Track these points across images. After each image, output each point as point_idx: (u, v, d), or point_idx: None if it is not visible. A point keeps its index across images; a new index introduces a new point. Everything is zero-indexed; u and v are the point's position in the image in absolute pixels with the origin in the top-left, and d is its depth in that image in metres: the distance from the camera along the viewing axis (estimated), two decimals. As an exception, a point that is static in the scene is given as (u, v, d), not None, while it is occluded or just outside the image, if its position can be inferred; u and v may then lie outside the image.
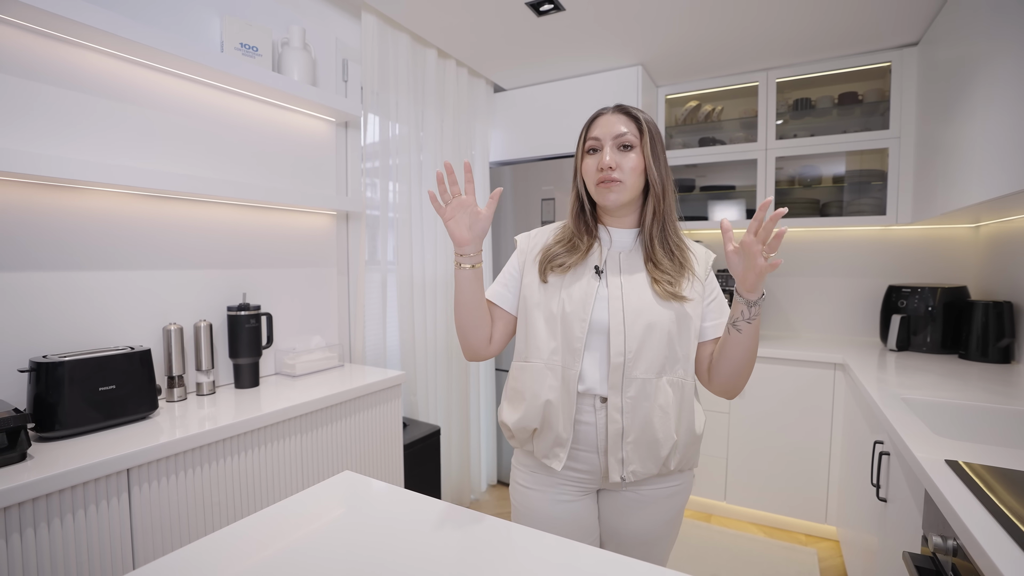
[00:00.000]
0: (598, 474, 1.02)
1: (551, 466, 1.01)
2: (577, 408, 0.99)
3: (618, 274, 1.01)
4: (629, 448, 0.97)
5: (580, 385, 0.98)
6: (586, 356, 0.98)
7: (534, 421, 1.00)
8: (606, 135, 0.99)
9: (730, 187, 2.79)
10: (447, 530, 0.78)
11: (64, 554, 0.96)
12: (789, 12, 1.98)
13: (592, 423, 0.99)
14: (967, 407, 1.39)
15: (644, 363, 0.96)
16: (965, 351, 2.04)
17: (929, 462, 0.97)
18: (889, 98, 2.29)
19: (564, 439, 0.99)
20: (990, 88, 1.46)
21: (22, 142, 1.17)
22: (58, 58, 1.23)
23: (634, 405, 0.96)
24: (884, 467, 1.35)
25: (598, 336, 0.98)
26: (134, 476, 1.06)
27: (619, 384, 0.96)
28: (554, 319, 1.00)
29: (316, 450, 1.47)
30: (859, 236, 2.62)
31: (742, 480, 2.39)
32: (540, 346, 1.00)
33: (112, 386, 1.18)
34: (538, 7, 1.92)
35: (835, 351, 2.24)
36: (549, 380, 0.99)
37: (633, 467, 0.97)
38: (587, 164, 1.02)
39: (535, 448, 1.03)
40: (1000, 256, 2.09)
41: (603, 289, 1.00)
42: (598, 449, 1.00)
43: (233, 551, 0.73)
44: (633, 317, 0.96)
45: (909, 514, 1.10)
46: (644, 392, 0.96)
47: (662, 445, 0.97)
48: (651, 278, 0.99)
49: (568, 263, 1.02)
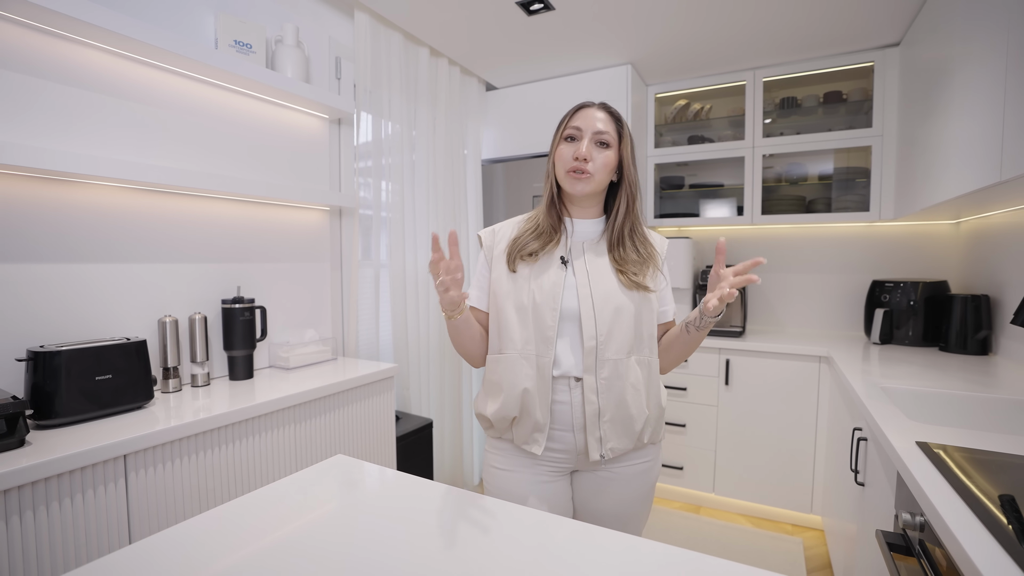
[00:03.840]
0: (574, 453, 1.05)
1: (531, 451, 1.04)
2: (553, 390, 1.03)
3: (583, 263, 1.05)
4: (607, 426, 1.01)
5: (555, 370, 1.02)
6: (559, 342, 1.02)
7: (513, 410, 1.04)
8: (587, 127, 1.03)
9: (719, 185, 2.84)
10: (446, 509, 0.81)
11: (63, 537, 0.98)
12: (775, 13, 2.02)
13: (567, 402, 1.03)
14: (942, 395, 1.43)
15: (615, 345, 1.01)
16: (945, 343, 2.10)
17: (901, 444, 1.02)
18: (872, 97, 2.34)
19: (542, 424, 1.02)
20: (965, 88, 1.51)
21: (23, 136, 1.19)
22: (58, 55, 1.25)
23: (608, 385, 1.01)
24: (862, 453, 1.40)
25: (569, 323, 1.02)
26: (131, 462, 1.08)
27: (593, 366, 1.01)
28: (525, 310, 1.03)
29: (310, 440, 1.50)
30: (844, 232, 2.67)
31: (730, 472, 2.44)
32: (513, 337, 1.04)
33: (108, 376, 1.20)
34: (528, 6, 1.96)
35: (820, 345, 2.29)
36: (525, 369, 1.02)
37: (611, 444, 1.02)
38: (563, 150, 1.05)
39: (515, 436, 1.07)
40: (979, 251, 2.15)
41: (570, 277, 1.04)
42: (574, 427, 1.03)
43: (240, 522, 0.75)
44: (602, 302, 1.01)
45: (883, 495, 1.15)
46: (617, 372, 1.01)
47: (636, 420, 1.02)
48: (616, 268, 1.04)
49: (537, 251, 1.05)
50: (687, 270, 2.60)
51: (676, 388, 2.53)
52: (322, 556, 0.67)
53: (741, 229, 2.88)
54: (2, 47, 1.16)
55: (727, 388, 2.42)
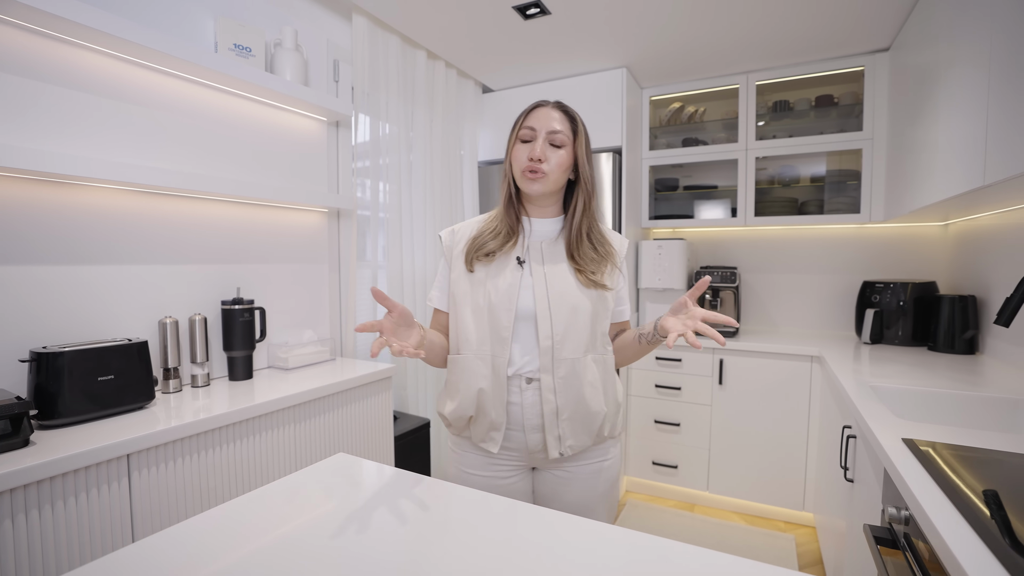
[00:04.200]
0: (530, 452, 1.07)
1: (488, 449, 1.06)
2: (508, 390, 1.05)
3: (541, 262, 1.06)
4: (565, 425, 1.03)
5: (510, 369, 1.04)
6: (514, 343, 1.04)
7: (469, 409, 1.05)
8: (542, 127, 1.04)
9: (713, 186, 2.87)
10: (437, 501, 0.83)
11: (67, 535, 1.00)
12: (767, 18, 2.06)
13: (519, 403, 1.05)
14: (929, 393, 1.47)
15: (571, 344, 1.03)
16: (934, 343, 2.13)
17: (887, 440, 1.05)
18: (862, 101, 2.38)
19: (499, 423, 1.04)
20: (951, 93, 1.55)
21: (24, 139, 1.20)
22: (59, 58, 1.26)
23: (566, 384, 1.03)
24: (851, 450, 1.43)
25: (525, 323, 1.04)
26: (134, 462, 1.10)
27: (550, 366, 1.02)
28: (480, 311, 1.05)
29: (309, 440, 1.51)
30: (835, 234, 2.71)
31: (724, 470, 2.47)
32: (469, 338, 1.05)
33: (111, 376, 1.21)
34: (524, 11, 1.98)
35: (812, 344, 2.33)
36: (480, 369, 1.04)
37: (570, 442, 1.04)
38: (518, 150, 1.06)
39: (472, 434, 1.09)
40: (966, 252, 2.19)
41: (527, 278, 1.05)
42: (525, 428, 1.05)
43: (250, 515, 0.77)
44: (558, 302, 1.03)
45: (871, 491, 1.18)
46: (574, 371, 1.03)
47: (596, 417, 1.04)
48: (574, 267, 1.06)
49: (494, 251, 1.06)
50: (681, 271, 2.63)
51: (670, 388, 2.56)
52: (323, 553, 0.69)
53: (735, 231, 2.92)
54: (7, 52, 1.17)
55: (721, 387, 2.45)
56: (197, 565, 0.66)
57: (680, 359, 2.54)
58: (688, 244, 2.68)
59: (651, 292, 2.75)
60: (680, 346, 2.53)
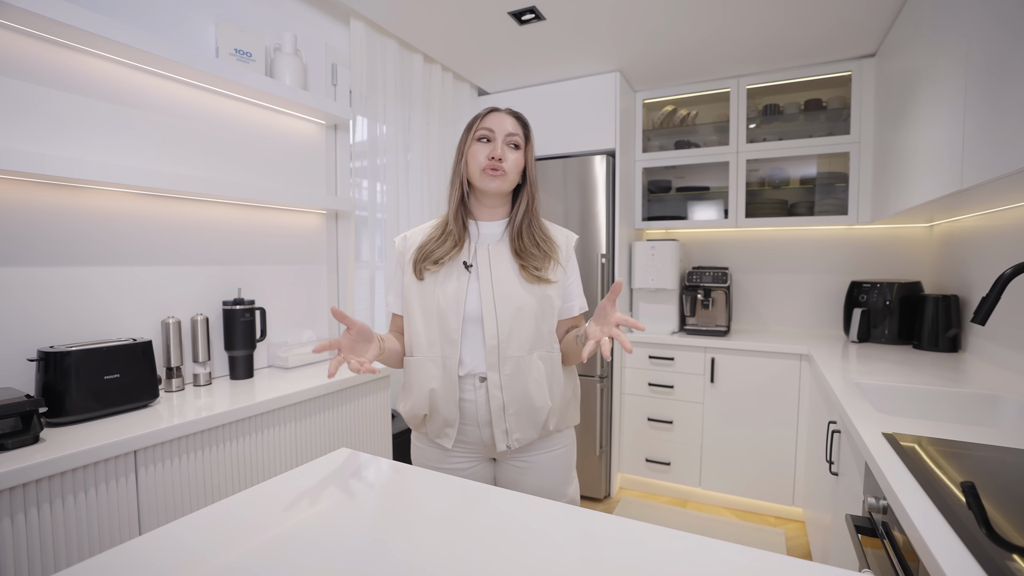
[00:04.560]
0: (482, 445, 1.13)
1: (443, 445, 1.12)
2: (461, 388, 1.10)
3: (488, 265, 1.11)
4: (511, 419, 1.09)
5: (461, 369, 1.09)
6: (464, 343, 1.09)
7: (423, 408, 1.11)
8: (499, 129, 1.10)
9: (704, 188, 2.92)
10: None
11: (77, 529, 1.03)
12: (758, 24, 2.11)
13: (473, 400, 1.10)
14: (912, 390, 1.52)
15: (516, 343, 1.08)
16: (919, 341, 2.19)
17: (868, 434, 1.09)
18: (850, 105, 2.44)
19: (452, 420, 1.10)
20: (931, 99, 1.60)
21: (29, 143, 1.23)
22: (63, 63, 1.29)
23: (511, 381, 1.08)
24: (836, 445, 1.48)
25: (473, 324, 1.09)
26: (141, 458, 1.13)
27: (496, 364, 1.08)
28: (430, 315, 1.10)
29: (310, 437, 1.55)
30: (824, 235, 2.77)
31: (716, 467, 2.52)
32: (420, 341, 1.10)
33: (116, 375, 1.24)
34: (520, 16, 2.02)
35: (801, 343, 2.38)
36: (431, 370, 1.09)
37: (516, 435, 1.10)
38: (477, 149, 1.10)
39: (428, 430, 1.14)
40: (950, 253, 2.25)
41: (474, 282, 1.10)
42: (479, 423, 1.11)
43: (257, 506, 0.80)
44: (503, 303, 1.08)
45: (854, 483, 1.22)
46: (519, 368, 1.08)
47: (540, 412, 1.10)
48: (518, 264, 1.11)
49: (442, 257, 1.10)
50: (674, 272, 2.67)
51: (663, 386, 2.61)
52: (327, 544, 0.72)
53: (726, 231, 2.97)
54: (10, 56, 1.20)
55: (712, 386, 2.50)
56: (206, 557, 0.68)
57: (673, 358, 2.58)
58: (681, 245, 2.73)
59: (644, 292, 2.79)
60: (673, 344, 2.58)
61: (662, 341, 2.60)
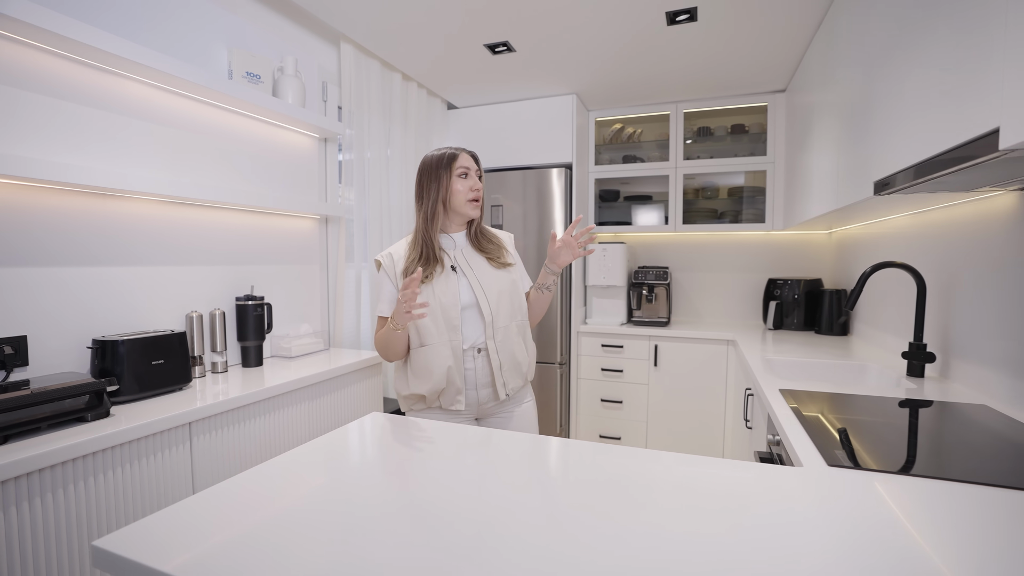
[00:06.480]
0: (476, 405, 1.43)
1: (457, 409, 1.40)
2: (464, 361, 1.40)
3: (468, 265, 1.43)
4: (507, 373, 1.43)
5: (464, 345, 1.40)
6: (464, 327, 1.40)
7: (441, 383, 1.38)
8: (471, 166, 1.44)
9: (648, 196, 3.33)
10: (459, 439, 1.14)
11: (143, 489, 1.23)
12: (691, 61, 2.50)
13: (473, 368, 1.41)
14: (804, 363, 1.94)
15: (503, 317, 1.43)
16: (819, 327, 2.67)
17: (769, 390, 1.47)
18: (767, 131, 2.90)
19: (461, 387, 1.40)
20: (822, 131, 2.04)
21: (81, 158, 1.40)
22: (107, 87, 1.46)
23: (503, 346, 1.42)
24: (750, 406, 1.87)
25: (469, 310, 1.41)
26: (195, 428, 1.33)
27: (492, 335, 1.41)
28: (434, 312, 1.37)
29: (321, 414, 1.78)
30: (747, 239, 3.24)
31: (660, 438, 2.92)
32: (431, 332, 1.38)
33: (161, 361, 1.43)
34: (494, 48, 2.31)
35: (728, 331, 2.81)
36: (445, 352, 1.37)
37: (511, 385, 1.44)
38: (460, 184, 1.41)
39: (442, 402, 1.41)
40: (844, 255, 2.75)
41: (462, 279, 1.42)
42: (477, 385, 1.41)
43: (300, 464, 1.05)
44: (490, 289, 1.42)
45: (761, 430, 1.61)
46: (507, 335, 1.43)
47: (522, 364, 1.46)
48: (486, 257, 1.46)
49: (430, 273, 1.38)
50: (622, 271, 3.05)
51: (613, 371, 2.98)
52: (355, 499, 0.97)
53: (666, 235, 3.39)
54: (67, 83, 1.37)
55: (656, 369, 2.90)
56: (254, 508, 0.77)
57: (622, 346, 2.96)
58: (628, 247, 3.11)
59: (597, 288, 3.16)
60: (622, 334, 2.95)
61: (612, 331, 2.97)
